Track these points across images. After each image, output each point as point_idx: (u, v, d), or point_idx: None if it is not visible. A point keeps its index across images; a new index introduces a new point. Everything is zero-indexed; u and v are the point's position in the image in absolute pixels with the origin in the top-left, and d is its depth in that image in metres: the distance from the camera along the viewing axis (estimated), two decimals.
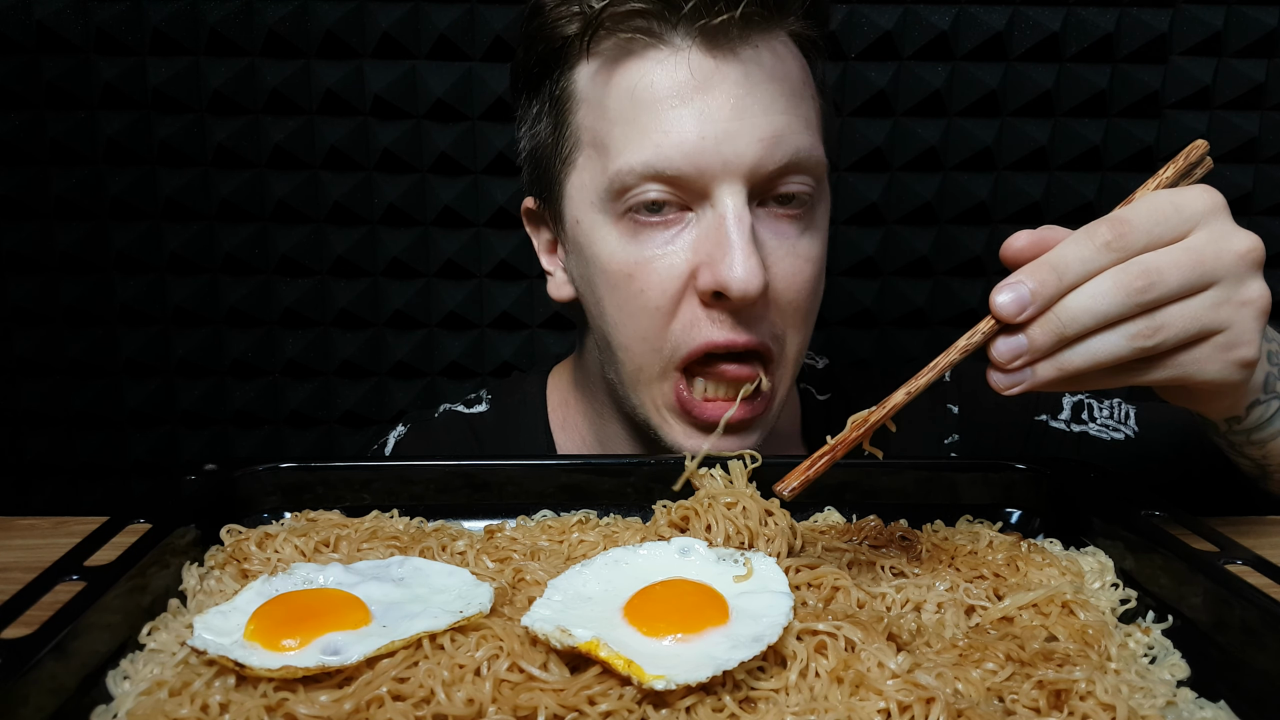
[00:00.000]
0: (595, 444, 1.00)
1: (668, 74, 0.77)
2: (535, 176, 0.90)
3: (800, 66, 0.83)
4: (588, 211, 0.83)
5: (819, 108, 0.85)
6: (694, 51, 0.77)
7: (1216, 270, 0.60)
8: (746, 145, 0.77)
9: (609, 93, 0.80)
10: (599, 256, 0.83)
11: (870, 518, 0.74)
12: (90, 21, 1.34)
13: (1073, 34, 1.37)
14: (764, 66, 0.79)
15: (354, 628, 0.55)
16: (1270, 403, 0.73)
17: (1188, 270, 0.59)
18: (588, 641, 0.51)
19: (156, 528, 0.64)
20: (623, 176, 0.79)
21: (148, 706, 0.50)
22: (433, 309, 1.49)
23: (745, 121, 0.77)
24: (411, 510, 0.76)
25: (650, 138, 0.77)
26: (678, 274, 0.80)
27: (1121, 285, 0.59)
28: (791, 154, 0.79)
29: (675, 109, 0.77)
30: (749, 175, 0.78)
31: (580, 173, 0.84)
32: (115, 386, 1.48)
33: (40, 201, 1.39)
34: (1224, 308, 0.61)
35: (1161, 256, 0.59)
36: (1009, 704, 0.51)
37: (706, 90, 0.77)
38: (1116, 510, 0.69)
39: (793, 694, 0.51)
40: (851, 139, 1.41)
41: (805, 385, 1.06)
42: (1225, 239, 0.61)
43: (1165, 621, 0.61)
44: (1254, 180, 1.42)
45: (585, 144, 0.83)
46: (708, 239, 0.78)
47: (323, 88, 1.38)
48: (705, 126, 0.76)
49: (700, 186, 0.78)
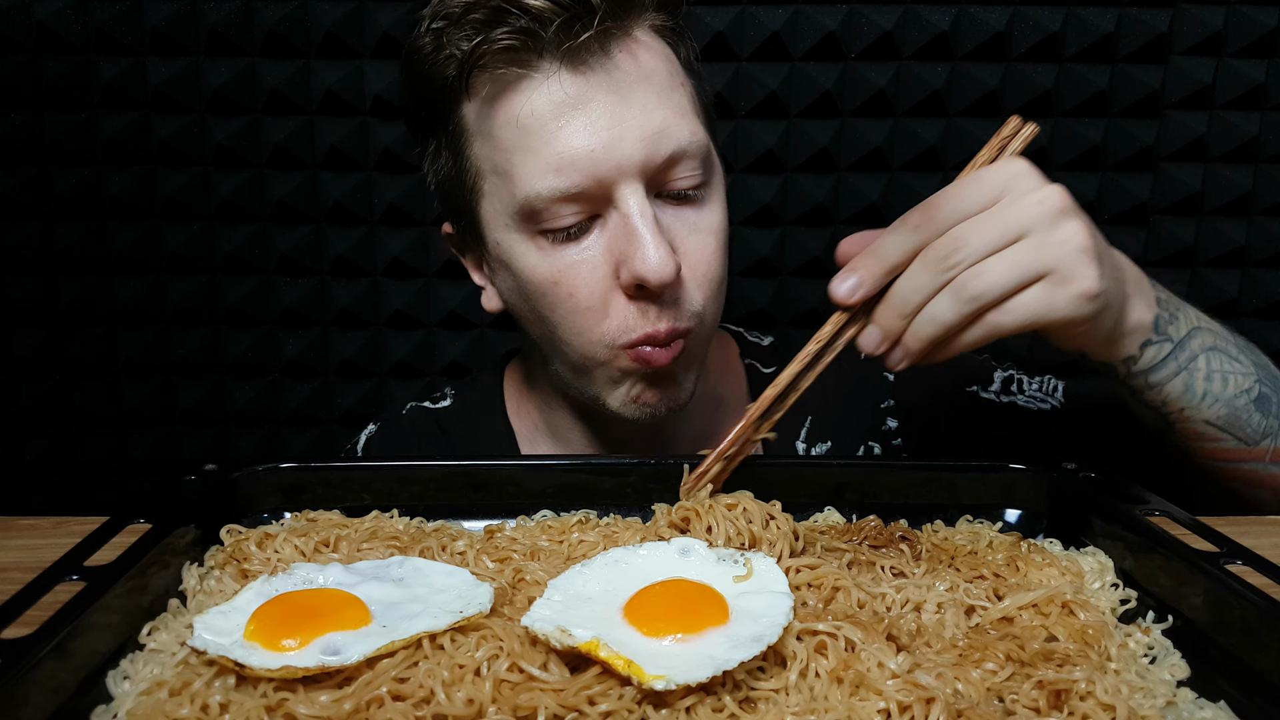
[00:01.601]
0: (546, 429, 1.07)
1: (545, 98, 0.83)
2: (449, 205, 0.97)
3: (665, 56, 0.88)
4: (504, 233, 0.89)
5: (691, 89, 0.90)
6: (563, 72, 0.83)
7: (1022, 222, 0.66)
8: (632, 146, 0.82)
9: (496, 125, 0.86)
10: (523, 271, 0.89)
11: (870, 518, 0.74)
12: (90, 21, 1.34)
13: (1073, 34, 1.37)
14: (631, 69, 0.85)
15: (354, 628, 0.55)
16: (1163, 344, 0.77)
17: (989, 230, 0.66)
18: (588, 641, 0.51)
19: (156, 528, 0.64)
20: (530, 201, 0.84)
21: (148, 706, 0.50)
22: (433, 309, 1.49)
23: (626, 125, 0.83)
24: (411, 510, 0.76)
25: (544, 160, 0.83)
26: (600, 276, 0.86)
27: (931, 259, 0.66)
28: (675, 145, 0.84)
29: (560, 128, 0.83)
30: (642, 172, 0.83)
31: (489, 199, 0.90)
32: (115, 386, 1.48)
33: (40, 201, 1.39)
34: (1042, 249, 0.66)
35: (965, 225, 0.66)
36: (1009, 704, 0.51)
37: (583, 105, 0.83)
38: (1116, 510, 0.69)
39: (793, 694, 0.51)
40: (851, 139, 1.41)
41: (750, 361, 1.11)
42: (1026, 195, 0.67)
43: (1165, 621, 0.61)
44: (1254, 180, 1.42)
45: (487, 172, 0.89)
46: (619, 238, 0.84)
47: (323, 88, 1.38)
48: (591, 138, 0.82)
49: (602, 193, 0.84)
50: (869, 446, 1.06)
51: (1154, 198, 1.42)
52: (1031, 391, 1.04)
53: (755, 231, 1.44)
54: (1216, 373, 0.79)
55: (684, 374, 0.92)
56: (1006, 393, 1.05)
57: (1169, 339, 0.77)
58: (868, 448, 1.07)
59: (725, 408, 1.07)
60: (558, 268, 0.86)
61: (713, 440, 1.02)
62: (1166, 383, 0.79)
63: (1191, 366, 0.78)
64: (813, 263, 1.45)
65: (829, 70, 1.39)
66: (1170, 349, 0.78)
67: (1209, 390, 0.79)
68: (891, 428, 1.07)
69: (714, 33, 1.36)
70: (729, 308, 1.48)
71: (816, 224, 1.44)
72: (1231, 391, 0.80)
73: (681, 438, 1.02)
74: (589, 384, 0.93)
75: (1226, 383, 0.80)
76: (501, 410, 1.09)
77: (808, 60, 1.38)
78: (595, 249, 0.86)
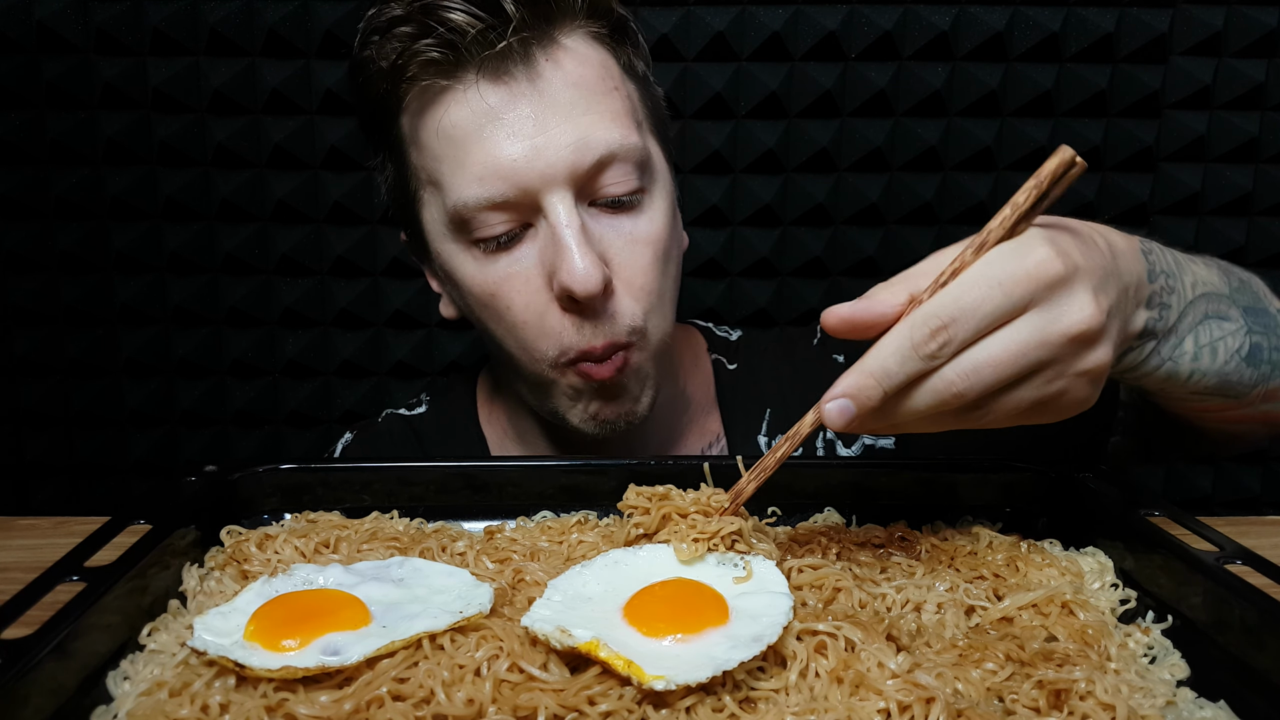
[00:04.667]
0: (515, 435, 1.07)
1: (467, 108, 0.84)
2: (399, 214, 0.98)
3: (598, 63, 0.88)
4: (443, 242, 0.90)
5: (629, 94, 0.90)
6: (483, 83, 0.83)
7: (1042, 358, 0.58)
8: (556, 154, 0.83)
9: (424, 135, 0.87)
10: (463, 281, 0.90)
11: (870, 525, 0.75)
12: (90, 21, 1.34)
13: (1073, 34, 1.37)
14: (556, 76, 0.85)
15: (354, 628, 0.55)
16: (1144, 346, 0.71)
17: (1008, 367, 0.57)
18: (588, 642, 0.51)
19: (157, 528, 0.64)
20: (459, 211, 0.85)
21: (148, 707, 0.50)
22: (432, 309, 1.49)
23: (550, 132, 0.83)
24: (411, 511, 0.76)
25: (470, 170, 0.84)
26: (534, 288, 0.86)
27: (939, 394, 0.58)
28: (603, 151, 0.84)
29: (484, 138, 0.83)
30: (568, 180, 0.83)
31: (428, 208, 0.91)
32: (115, 386, 1.48)
33: (40, 201, 1.39)
34: (1056, 382, 0.59)
35: (980, 354, 0.57)
36: (1009, 704, 0.51)
37: (506, 113, 0.83)
38: (1116, 510, 0.69)
39: (793, 694, 0.51)
40: (852, 139, 1.41)
41: (717, 356, 1.12)
42: (1055, 321, 0.58)
43: (1165, 621, 0.61)
44: (1254, 180, 1.41)
45: (424, 182, 0.90)
46: (548, 248, 0.85)
47: (323, 88, 1.38)
48: (514, 147, 0.83)
49: (529, 202, 0.84)
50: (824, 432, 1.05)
51: (1154, 198, 1.42)
52: None
53: (755, 232, 1.44)
54: (1205, 346, 0.74)
55: (637, 387, 0.92)
56: None
57: (1153, 337, 0.71)
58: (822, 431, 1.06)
59: (693, 406, 1.07)
60: (493, 279, 0.87)
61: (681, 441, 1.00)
62: (1146, 376, 0.74)
63: (1177, 354, 0.73)
64: (813, 263, 1.44)
65: (829, 70, 1.38)
66: (1153, 346, 0.71)
67: (1196, 369, 0.74)
68: None
69: (714, 33, 1.36)
70: (732, 306, 1.48)
71: (816, 224, 1.44)
72: (1221, 361, 0.75)
73: (650, 438, 1.02)
74: (547, 399, 0.93)
75: (1215, 353, 0.75)
76: (474, 417, 1.10)
77: (808, 60, 1.38)
78: (528, 260, 0.86)
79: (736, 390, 1.09)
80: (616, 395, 0.91)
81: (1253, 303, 0.80)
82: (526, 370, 0.91)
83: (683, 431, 1.07)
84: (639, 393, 0.92)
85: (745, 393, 1.08)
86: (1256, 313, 0.80)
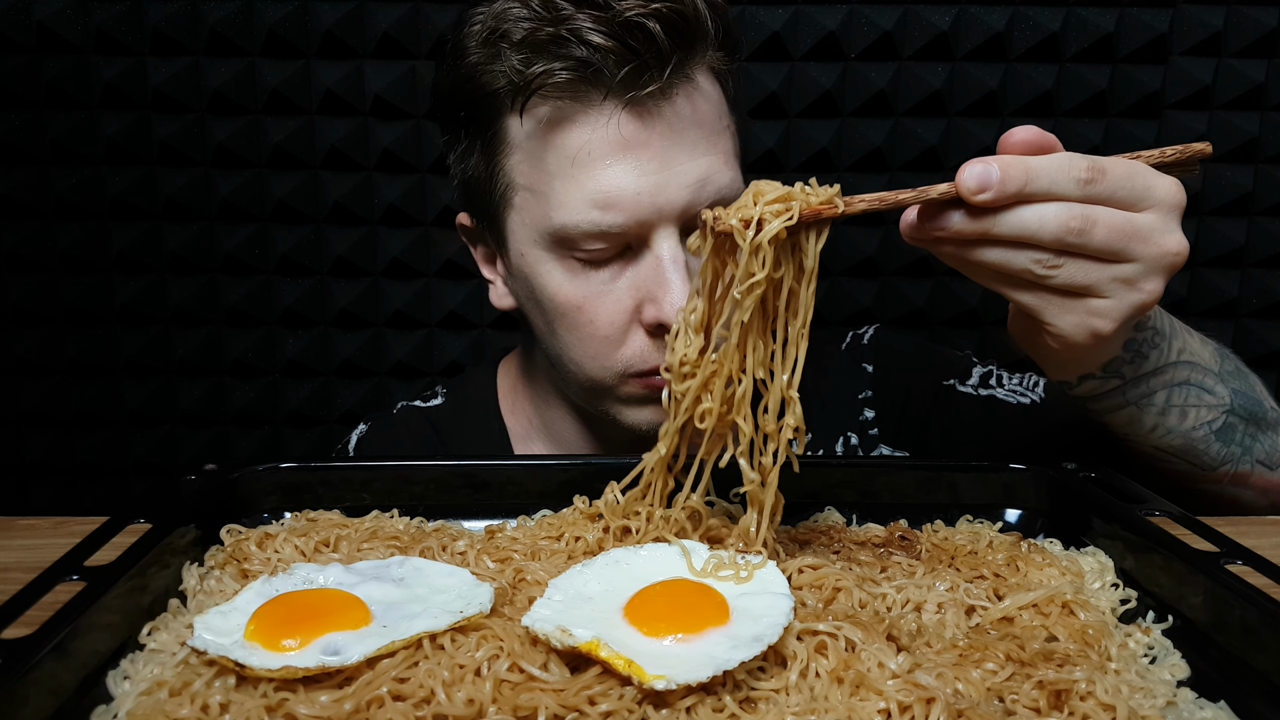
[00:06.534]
0: (540, 425, 1.07)
1: (600, 137, 0.83)
2: (471, 201, 0.96)
3: (717, 97, 0.88)
4: (531, 248, 0.89)
5: (733, 129, 0.90)
6: (623, 116, 0.82)
7: (1140, 252, 0.65)
8: (676, 192, 0.83)
9: (544, 150, 0.85)
10: (546, 288, 0.89)
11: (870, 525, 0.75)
12: (90, 21, 1.34)
13: (1073, 34, 1.37)
14: (687, 113, 0.84)
15: (354, 628, 0.55)
16: (1107, 380, 0.77)
17: (1118, 239, 0.64)
18: (588, 641, 0.51)
19: (156, 528, 0.64)
20: (566, 229, 0.84)
21: (148, 707, 0.50)
22: (433, 309, 1.49)
23: (673, 171, 0.83)
24: (411, 510, 0.76)
25: (587, 193, 0.83)
26: (623, 308, 0.87)
27: (1061, 222, 0.63)
28: (715, 193, 0.85)
29: (609, 168, 0.82)
30: (680, 217, 0.84)
31: (520, 212, 0.89)
32: (115, 386, 1.48)
33: (40, 201, 1.39)
34: (1118, 283, 0.65)
35: (1107, 215, 0.64)
36: (1009, 704, 0.51)
37: (637, 148, 0.83)
38: (1116, 510, 0.69)
39: (793, 694, 0.51)
40: (852, 139, 1.41)
41: None
42: (1165, 233, 0.66)
43: (1165, 621, 0.61)
44: (1254, 180, 1.42)
45: (522, 187, 0.88)
46: (648, 279, 0.85)
47: (323, 88, 1.38)
48: (639, 181, 0.82)
49: (638, 234, 0.84)
50: (847, 437, 1.06)
51: None
52: (1011, 386, 1.03)
53: None
54: (1175, 407, 0.78)
55: None
56: (985, 386, 1.04)
57: (1118, 376, 0.76)
58: (846, 438, 1.06)
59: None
60: (583, 293, 0.87)
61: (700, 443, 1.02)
62: (1108, 413, 0.78)
63: (1144, 403, 0.77)
64: None
65: (829, 70, 1.39)
66: (1116, 385, 0.77)
67: (1161, 423, 0.79)
68: (869, 418, 1.07)
69: None
70: None
71: None
72: (1190, 424, 0.79)
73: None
74: (599, 401, 0.94)
75: (1185, 416, 0.79)
76: (495, 408, 1.09)
77: (808, 60, 1.38)
78: (621, 281, 0.86)
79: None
80: None
81: (1245, 389, 0.83)
82: (589, 374, 0.91)
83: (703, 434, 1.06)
84: None
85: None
86: (1244, 396, 0.82)
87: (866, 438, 1.06)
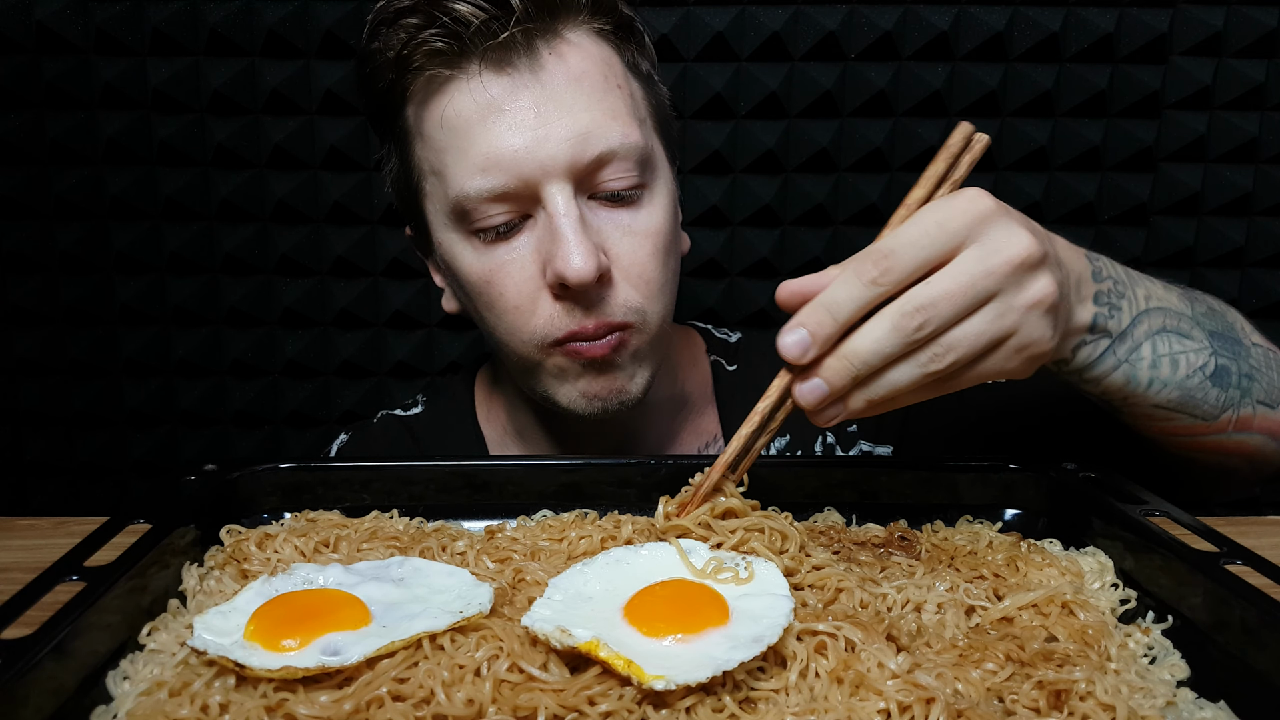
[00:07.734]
0: (513, 431, 1.08)
1: (471, 98, 0.85)
2: (403, 207, 0.99)
3: (601, 59, 0.89)
4: (445, 232, 0.91)
5: (632, 92, 0.91)
6: (486, 73, 0.85)
7: (990, 286, 0.61)
8: (557, 146, 0.84)
9: (428, 126, 0.88)
10: (461, 269, 0.91)
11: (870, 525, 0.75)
12: (90, 21, 1.34)
13: (1073, 34, 1.37)
14: (559, 69, 0.86)
15: (354, 628, 0.55)
16: (1098, 342, 0.73)
17: (960, 297, 0.60)
18: (588, 641, 0.51)
19: (156, 528, 0.64)
20: (460, 201, 0.86)
21: (148, 707, 0.50)
22: (433, 309, 1.49)
23: (551, 125, 0.84)
24: (411, 510, 0.76)
25: (471, 160, 0.85)
26: (528, 275, 0.87)
27: (899, 328, 0.60)
28: (603, 148, 0.85)
29: (486, 129, 0.84)
30: (567, 172, 0.85)
31: (431, 199, 0.92)
32: (115, 386, 1.48)
33: (40, 201, 1.39)
34: (1008, 316, 0.62)
35: (933, 288, 0.60)
36: (1009, 704, 0.51)
37: (508, 105, 0.84)
38: (1116, 510, 0.69)
39: (793, 694, 0.51)
40: (852, 139, 1.41)
41: (716, 358, 1.12)
42: (995, 252, 0.61)
43: (1165, 621, 0.61)
44: (1254, 180, 1.41)
45: (428, 173, 0.91)
46: (546, 237, 0.86)
47: (323, 88, 1.38)
48: (516, 138, 0.84)
49: (529, 193, 0.85)
50: (824, 436, 1.07)
51: (1154, 198, 1.42)
52: None
53: (755, 232, 1.44)
54: (1164, 356, 0.76)
55: (631, 366, 0.92)
56: None
57: (1106, 334, 0.73)
58: (823, 437, 1.07)
59: (691, 405, 1.08)
60: (489, 267, 0.88)
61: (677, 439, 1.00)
62: (1105, 377, 0.75)
63: (1134, 358, 0.75)
64: (813, 263, 1.44)
65: (829, 70, 1.38)
66: (1107, 345, 0.74)
67: (1155, 377, 0.76)
68: None
69: (714, 33, 1.36)
70: (732, 306, 1.48)
71: (816, 224, 1.44)
72: (1182, 374, 0.76)
73: (648, 436, 1.02)
74: (536, 381, 0.94)
75: (1176, 365, 0.76)
76: (471, 416, 1.10)
77: (808, 60, 1.38)
78: (525, 248, 0.87)
79: (735, 391, 1.09)
80: (606, 370, 0.90)
81: (1222, 329, 0.81)
82: (514, 353, 0.92)
83: (678, 431, 1.07)
84: (633, 371, 0.92)
85: (744, 394, 1.08)
86: (1224, 338, 0.81)
87: (845, 435, 1.07)
